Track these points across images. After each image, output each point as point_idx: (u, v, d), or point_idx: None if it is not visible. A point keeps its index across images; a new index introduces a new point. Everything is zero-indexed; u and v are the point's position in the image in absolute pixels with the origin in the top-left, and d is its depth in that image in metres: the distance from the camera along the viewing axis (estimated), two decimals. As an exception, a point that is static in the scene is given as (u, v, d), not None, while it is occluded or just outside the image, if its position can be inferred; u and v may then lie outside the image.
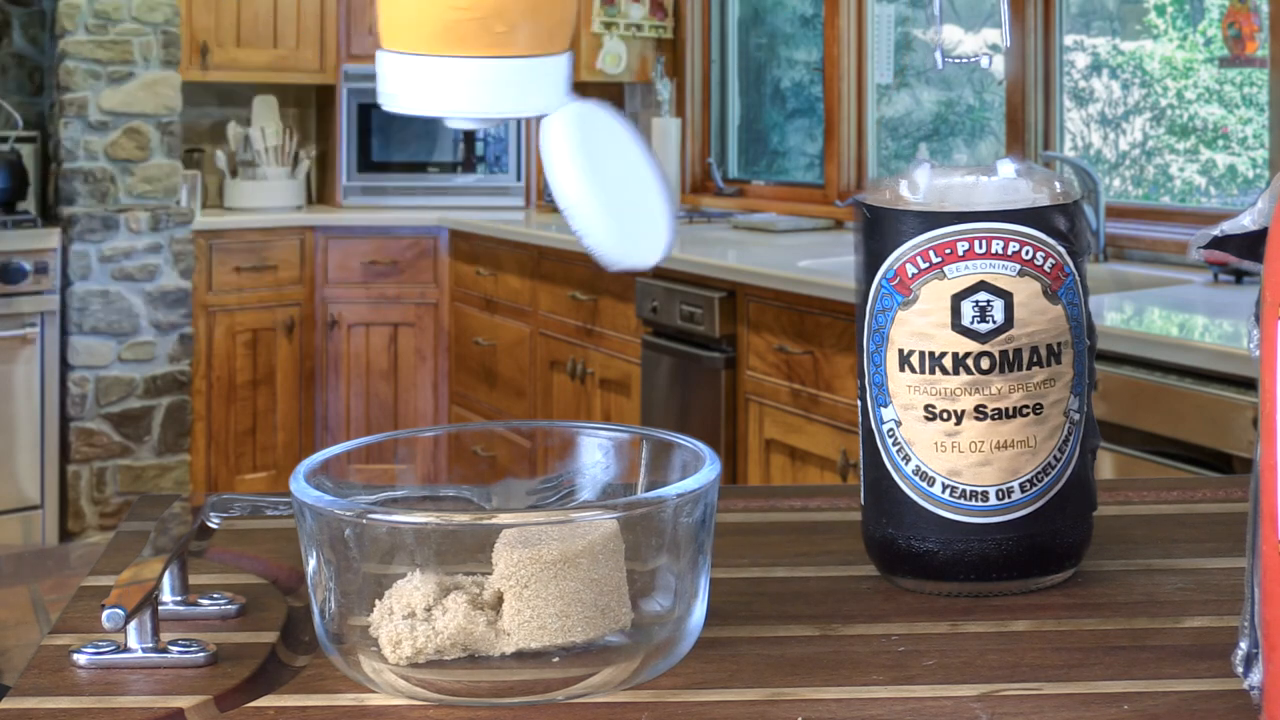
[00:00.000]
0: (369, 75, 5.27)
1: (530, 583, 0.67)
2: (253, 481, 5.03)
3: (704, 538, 0.70)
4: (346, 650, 0.69)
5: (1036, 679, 0.69)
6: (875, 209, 0.80)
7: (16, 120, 4.81)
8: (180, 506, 0.83)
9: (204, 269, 4.91)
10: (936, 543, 0.79)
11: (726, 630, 0.75)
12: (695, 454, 0.73)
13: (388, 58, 0.69)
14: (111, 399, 4.73)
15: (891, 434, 0.80)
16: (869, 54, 4.34)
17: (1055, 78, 3.77)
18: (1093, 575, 0.83)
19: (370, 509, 0.69)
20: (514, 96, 0.69)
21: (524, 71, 0.68)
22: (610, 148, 0.69)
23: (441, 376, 5.15)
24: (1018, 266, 0.78)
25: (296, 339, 5.09)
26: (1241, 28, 3.33)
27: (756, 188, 4.90)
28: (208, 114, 5.36)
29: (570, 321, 4.28)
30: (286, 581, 0.84)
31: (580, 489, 0.79)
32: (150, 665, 0.71)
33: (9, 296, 4.52)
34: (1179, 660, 0.71)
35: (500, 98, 0.68)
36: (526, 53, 0.68)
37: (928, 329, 0.78)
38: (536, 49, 0.69)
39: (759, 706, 0.66)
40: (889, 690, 0.68)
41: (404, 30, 0.68)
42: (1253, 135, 3.62)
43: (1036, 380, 0.78)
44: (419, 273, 5.14)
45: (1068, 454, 0.80)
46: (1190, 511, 0.95)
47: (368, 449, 0.77)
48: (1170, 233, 3.42)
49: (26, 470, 4.59)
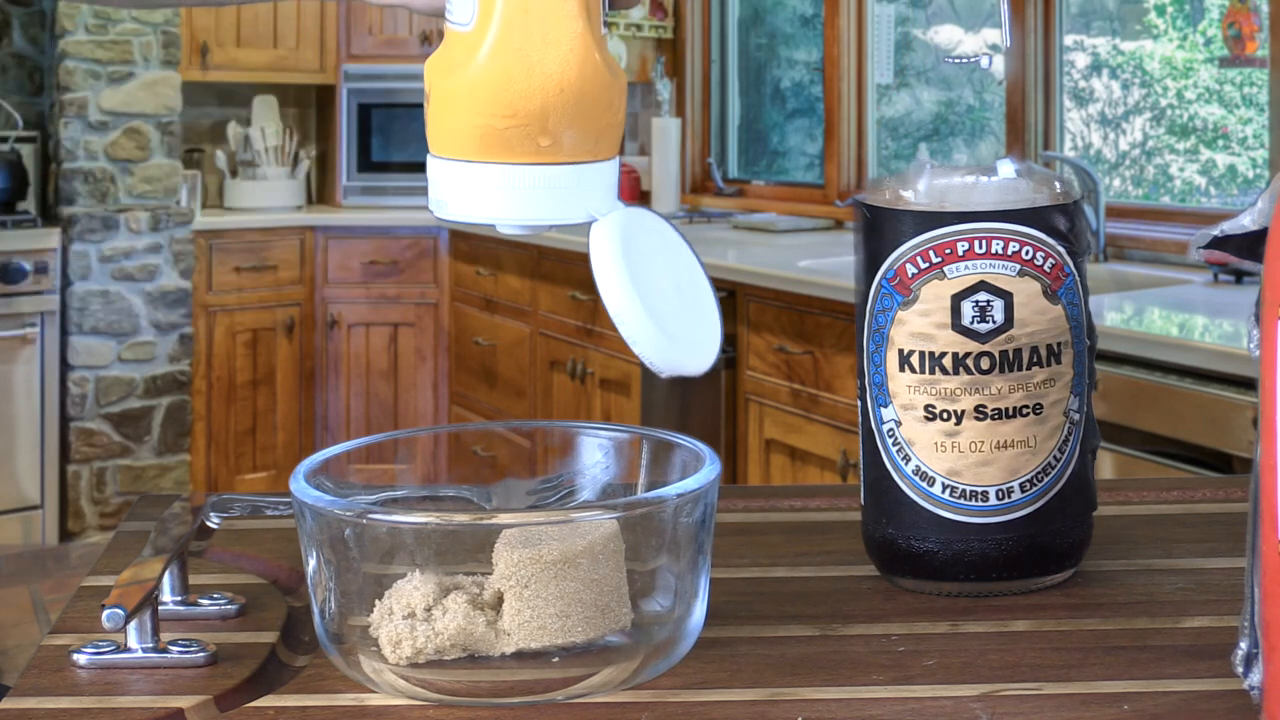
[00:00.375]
0: (369, 75, 5.28)
1: (530, 583, 0.67)
2: (253, 481, 5.03)
3: (704, 538, 0.70)
4: (346, 650, 0.69)
5: (1036, 679, 0.69)
6: (875, 209, 0.80)
7: (16, 120, 4.82)
8: (180, 506, 0.83)
9: (204, 269, 4.91)
10: (936, 543, 0.79)
11: (726, 630, 0.75)
12: (695, 454, 0.73)
13: (436, 164, 0.70)
14: (111, 399, 4.73)
15: (891, 434, 0.80)
16: (869, 54, 4.34)
17: (1055, 78, 3.77)
18: (1093, 575, 0.83)
19: (370, 509, 0.69)
20: (560, 203, 0.69)
21: (570, 178, 0.69)
22: (658, 253, 0.70)
23: (441, 376, 5.15)
24: (1018, 266, 0.78)
25: (296, 339, 5.09)
26: (1241, 28, 3.33)
27: (756, 188, 4.90)
28: (208, 114, 5.36)
29: (570, 321, 4.29)
30: (286, 581, 0.84)
31: (580, 489, 0.80)
32: (150, 665, 0.71)
33: (9, 296, 4.52)
34: (1179, 660, 0.71)
35: (547, 205, 0.69)
36: (572, 159, 0.69)
37: (928, 329, 0.78)
38: (583, 155, 0.69)
39: (759, 706, 0.66)
40: (889, 690, 0.68)
41: (451, 137, 0.69)
42: (1253, 135, 3.62)
43: (1036, 380, 0.78)
44: (419, 273, 5.14)
45: (1068, 454, 0.80)
46: (1190, 511, 0.95)
47: (368, 449, 0.77)
48: (1170, 233, 3.42)
49: (26, 470, 4.59)
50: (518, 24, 0.68)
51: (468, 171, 0.69)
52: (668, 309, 0.68)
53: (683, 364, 0.68)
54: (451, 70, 0.69)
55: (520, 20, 0.68)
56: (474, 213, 0.70)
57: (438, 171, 0.70)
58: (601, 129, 0.70)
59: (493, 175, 0.69)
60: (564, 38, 0.68)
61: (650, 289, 0.68)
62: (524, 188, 0.69)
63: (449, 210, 0.70)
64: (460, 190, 0.69)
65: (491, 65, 0.68)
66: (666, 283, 0.69)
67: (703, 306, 0.71)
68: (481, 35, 0.68)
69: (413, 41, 5.33)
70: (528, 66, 0.67)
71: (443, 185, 0.70)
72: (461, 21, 0.69)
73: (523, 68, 0.67)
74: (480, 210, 0.70)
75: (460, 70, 0.68)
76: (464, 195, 0.69)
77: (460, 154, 0.69)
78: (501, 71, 0.67)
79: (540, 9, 0.68)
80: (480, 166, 0.69)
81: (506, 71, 0.67)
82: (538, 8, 0.68)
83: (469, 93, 0.68)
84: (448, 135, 0.69)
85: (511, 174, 0.69)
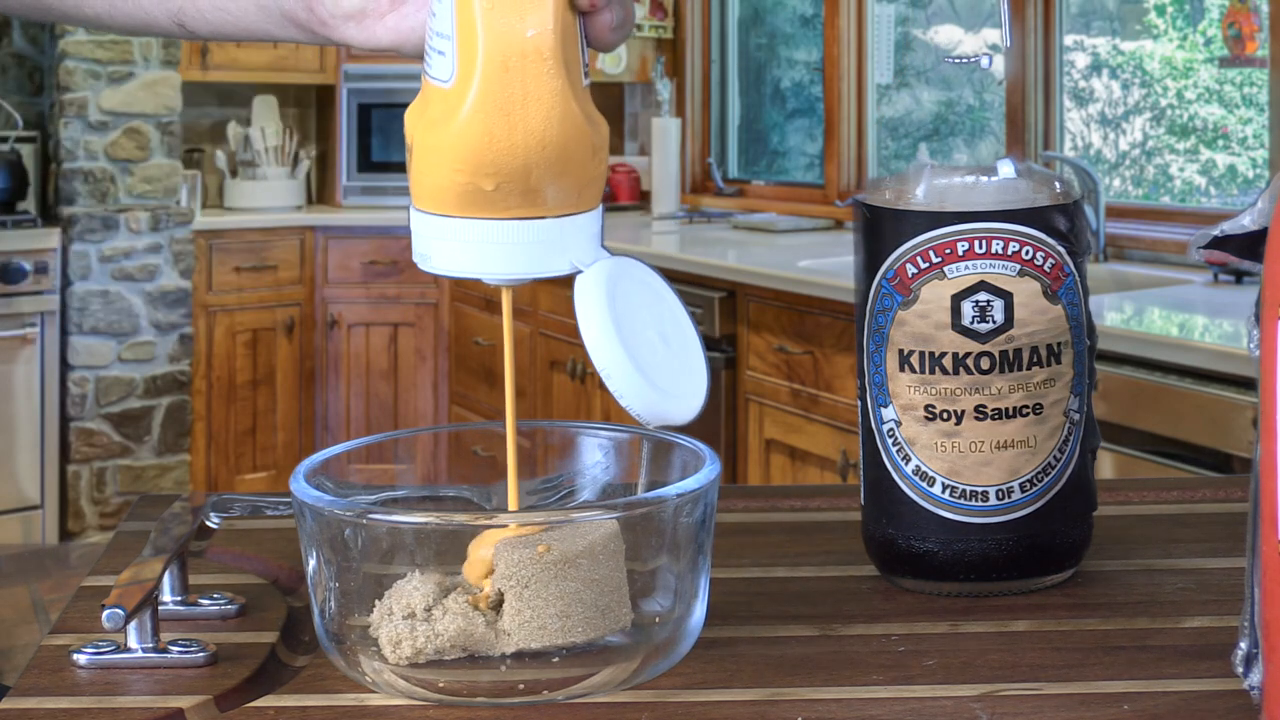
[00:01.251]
0: (369, 75, 5.28)
1: (531, 583, 0.67)
2: (253, 481, 5.03)
3: (704, 538, 0.70)
4: (346, 650, 0.69)
5: (1036, 679, 0.69)
6: (875, 209, 0.80)
7: (16, 120, 4.81)
8: (180, 506, 0.83)
9: (204, 269, 4.91)
10: (936, 543, 0.79)
11: (726, 630, 0.75)
12: (695, 454, 0.73)
13: (419, 217, 0.71)
14: (111, 399, 4.73)
15: (891, 434, 0.80)
16: (869, 54, 4.34)
17: (1055, 78, 3.77)
18: (1093, 575, 0.83)
19: (370, 509, 0.69)
20: (545, 256, 0.70)
21: (554, 232, 0.70)
22: (643, 302, 0.70)
23: (441, 376, 5.15)
24: (1018, 266, 0.78)
25: (296, 339, 5.09)
26: (1241, 28, 3.33)
27: (756, 188, 4.90)
28: (208, 114, 5.36)
29: (570, 321, 4.27)
30: (286, 581, 0.84)
31: (580, 489, 0.80)
32: (150, 665, 0.71)
33: (9, 296, 4.52)
34: (1179, 660, 0.71)
35: (531, 259, 0.70)
36: (556, 213, 0.70)
37: (928, 329, 0.78)
38: (566, 209, 0.70)
39: (759, 706, 0.66)
40: (889, 690, 0.68)
41: (434, 193, 0.70)
42: (1253, 135, 3.62)
43: (1036, 380, 0.78)
44: (419, 273, 5.06)
45: (1068, 454, 0.80)
46: (1190, 511, 0.95)
47: (368, 449, 0.77)
48: (1170, 233, 3.42)
49: (26, 470, 4.59)
50: (497, 82, 0.68)
51: (452, 227, 0.70)
52: (653, 359, 0.68)
53: (669, 414, 0.68)
54: (433, 127, 0.69)
55: (500, 78, 0.68)
56: (458, 267, 0.71)
57: (421, 226, 0.71)
58: (584, 182, 0.70)
59: (476, 231, 0.69)
60: (544, 94, 0.68)
61: (636, 340, 0.68)
62: (508, 243, 0.70)
63: (433, 264, 0.71)
64: (444, 245, 0.70)
65: (473, 123, 0.68)
66: (652, 333, 0.69)
67: (688, 354, 0.71)
68: (463, 93, 0.68)
69: (413, 41, 5.32)
70: (509, 124, 0.68)
71: (427, 240, 0.71)
72: (441, 78, 0.69)
73: (504, 125, 0.68)
74: (464, 265, 0.70)
75: (442, 127, 0.69)
76: (448, 250, 0.70)
77: (444, 209, 0.70)
78: (483, 130, 0.68)
79: (520, 66, 0.68)
80: (464, 222, 0.69)
81: (488, 130, 0.68)
82: (517, 65, 0.68)
83: (451, 150, 0.68)
84: (431, 191, 0.70)
85: (495, 229, 0.69)
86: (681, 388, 0.69)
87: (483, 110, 0.68)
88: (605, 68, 5.05)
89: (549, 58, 0.68)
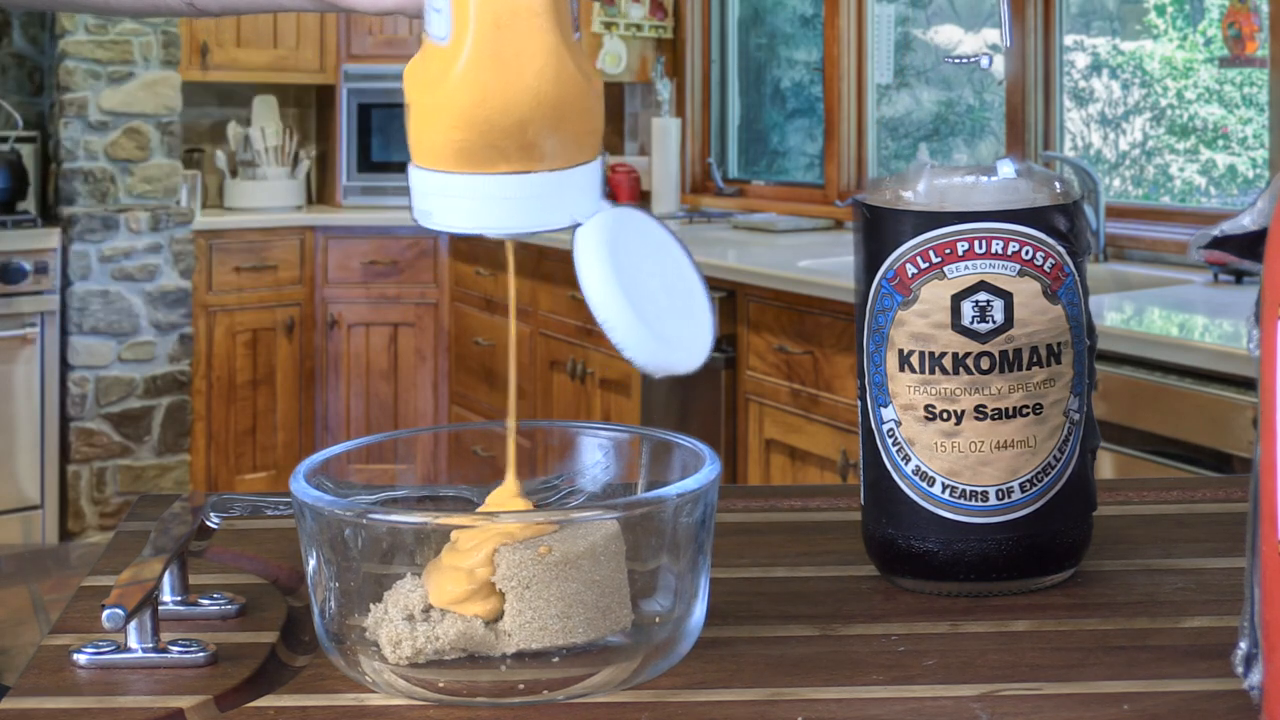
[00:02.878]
0: (369, 75, 5.27)
1: (531, 583, 0.67)
2: (253, 481, 5.03)
3: (704, 538, 0.70)
4: (346, 650, 0.69)
5: (1036, 679, 0.69)
6: (875, 209, 0.80)
7: (16, 120, 4.81)
8: (180, 506, 0.83)
9: (204, 269, 4.91)
10: (936, 543, 0.79)
11: (726, 630, 0.75)
12: (695, 454, 0.73)
13: (418, 174, 0.71)
14: (111, 399, 4.73)
15: (891, 434, 0.80)
16: (869, 54, 4.34)
17: (1055, 78, 3.77)
18: (1093, 575, 0.83)
19: (370, 509, 0.69)
20: (544, 210, 0.70)
21: (552, 185, 0.70)
22: (645, 252, 0.70)
23: (441, 376, 5.15)
24: (1018, 266, 0.78)
25: (296, 339, 5.09)
26: (1241, 28, 3.33)
27: (756, 188, 4.90)
28: (208, 114, 5.36)
29: (570, 321, 4.29)
30: (286, 581, 0.84)
31: (580, 489, 0.79)
32: (150, 665, 0.71)
33: (9, 296, 4.52)
34: (1179, 660, 0.71)
35: (530, 212, 0.70)
36: (555, 166, 0.70)
37: (928, 329, 0.78)
38: (564, 162, 0.70)
39: (759, 706, 0.66)
40: (889, 690, 0.68)
41: (432, 150, 0.70)
42: (1253, 135, 3.62)
43: (1036, 380, 0.78)
44: (419, 273, 5.14)
45: (1068, 454, 0.80)
46: (1190, 511, 0.95)
47: (368, 449, 0.77)
48: (1170, 233, 3.42)
49: (26, 470, 4.59)
50: (491, 39, 0.69)
51: (450, 182, 0.70)
52: (655, 309, 0.68)
53: (672, 364, 0.68)
54: (430, 84, 0.70)
55: (493, 35, 0.69)
56: (458, 223, 0.71)
57: (420, 182, 0.71)
58: (581, 134, 0.70)
59: (475, 186, 0.70)
60: (537, 50, 0.69)
61: (637, 290, 0.68)
62: (507, 197, 0.70)
63: (434, 220, 0.71)
64: (444, 201, 0.70)
65: (467, 79, 0.69)
66: (654, 282, 0.69)
67: (693, 304, 0.71)
68: (458, 50, 0.69)
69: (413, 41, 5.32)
70: (504, 80, 0.68)
71: (426, 196, 0.71)
72: (438, 36, 0.70)
73: (499, 81, 0.68)
74: (464, 220, 0.70)
75: (438, 84, 0.69)
76: (448, 206, 0.70)
77: (442, 165, 0.70)
78: (478, 85, 0.68)
79: (511, 24, 0.69)
80: (462, 178, 0.70)
81: (483, 85, 0.68)
82: (509, 22, 0.69)
83: (448, 106, 0.69)
84: (429, 147, 0.70)
85: (493, 184, 0.69)
86: (685, 336, 0.69)
87: (477, 66, 0.68)
88: (605, 68, 5.05)
89: (540, 13, 0.69)
